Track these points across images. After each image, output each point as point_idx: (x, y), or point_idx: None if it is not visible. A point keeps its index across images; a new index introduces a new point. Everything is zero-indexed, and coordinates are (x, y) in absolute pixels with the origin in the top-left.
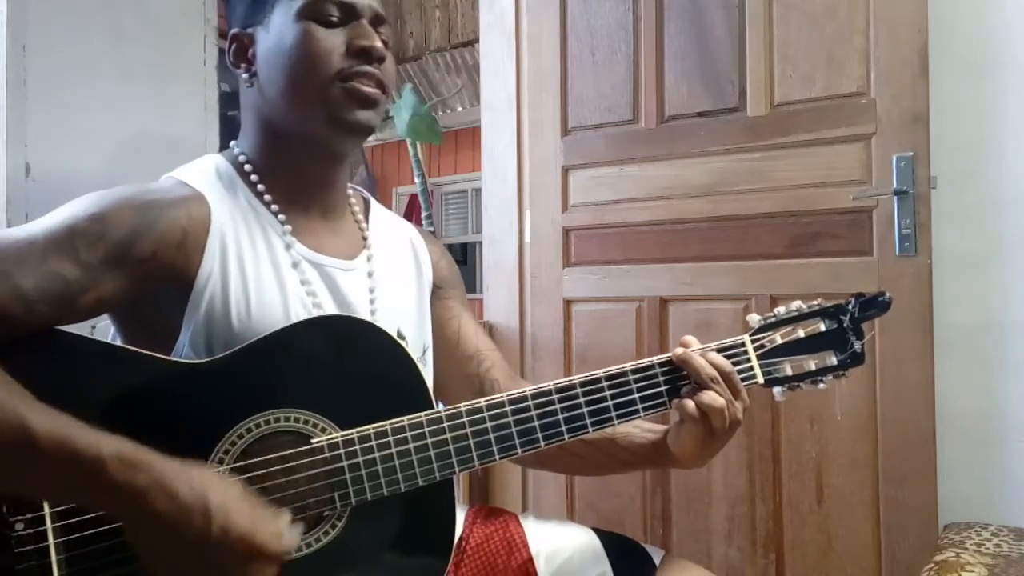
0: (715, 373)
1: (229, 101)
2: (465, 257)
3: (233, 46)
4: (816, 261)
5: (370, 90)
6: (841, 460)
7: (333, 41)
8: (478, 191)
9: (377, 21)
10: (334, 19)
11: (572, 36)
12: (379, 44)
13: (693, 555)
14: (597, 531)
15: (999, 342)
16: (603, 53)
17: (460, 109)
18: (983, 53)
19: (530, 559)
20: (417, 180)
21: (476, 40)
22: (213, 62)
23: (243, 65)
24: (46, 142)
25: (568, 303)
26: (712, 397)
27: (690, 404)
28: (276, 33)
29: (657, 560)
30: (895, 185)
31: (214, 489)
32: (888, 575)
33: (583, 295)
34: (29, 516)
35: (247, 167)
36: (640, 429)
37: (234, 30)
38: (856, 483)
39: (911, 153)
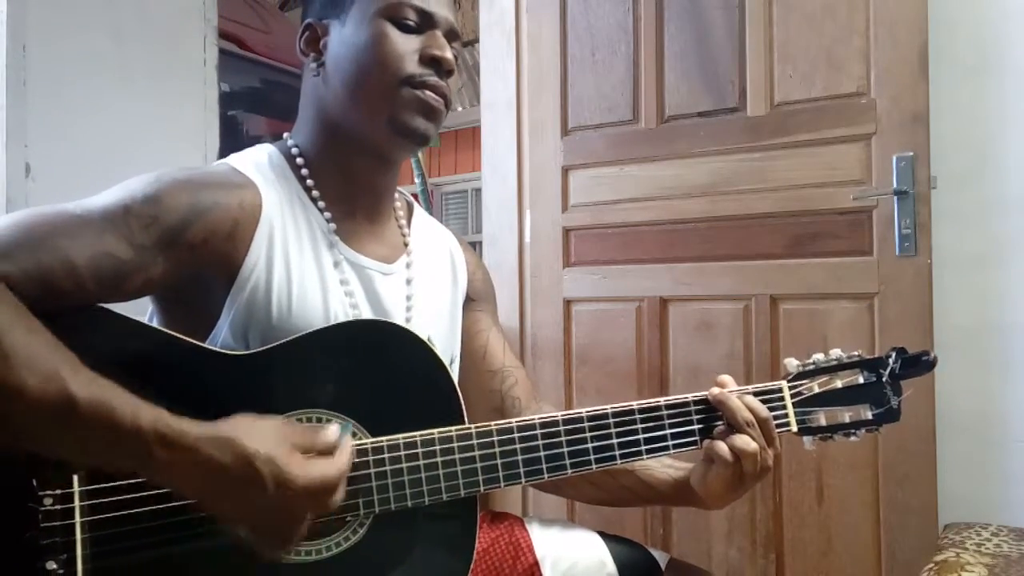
0: (751, 417)
1: (229, 101)
2: None
3: (306, 34)
4: (816, 261)
5: (435, 102)
6: (841, 460)
7: (407, 46)
8: (478, 191)
9: (452, 36)
10: (411, 24)
11: (572, 36)
12: (450, 56)
13: (693, 555)
14: (602, 535)
15: (999, 343)
16: (603, 53)
17: (460, 109)
18: (983, 53)
19: (536, 564)
20: (417, 180)
21: (476, 40)
22: (213, 62)
23: (312, 54)
24: (46, 142)
25: (568, 303)
26: (745, 441)
27: (723, 446)
28: (352, 28)
29: (663, 564)
30: (895, 185)
31: (254, 442)
32: (888, 575)
33: (583, 295)
34: (59, 492)
35: (299, 159)
36: (661, 464)
37: (308, 20)
38: (856, 483)
39: (911, 153)
